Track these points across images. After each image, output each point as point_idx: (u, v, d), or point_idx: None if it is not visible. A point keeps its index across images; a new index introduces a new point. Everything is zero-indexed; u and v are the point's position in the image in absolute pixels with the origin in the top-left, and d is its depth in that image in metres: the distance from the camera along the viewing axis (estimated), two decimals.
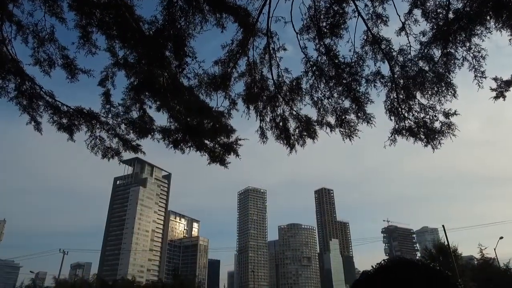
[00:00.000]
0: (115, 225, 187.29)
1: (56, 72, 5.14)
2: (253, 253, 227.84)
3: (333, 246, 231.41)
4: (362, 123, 4.54)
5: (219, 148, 5.81)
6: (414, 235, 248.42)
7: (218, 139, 5.80)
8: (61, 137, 5.49)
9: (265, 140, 5.05)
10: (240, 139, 5.73)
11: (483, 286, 32.98)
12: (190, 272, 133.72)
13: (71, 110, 5.05)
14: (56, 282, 41.54)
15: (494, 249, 41.57)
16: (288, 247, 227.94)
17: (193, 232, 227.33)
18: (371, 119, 4.47)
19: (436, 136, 4.48)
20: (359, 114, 4.48)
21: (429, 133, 4.48)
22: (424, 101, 4.49)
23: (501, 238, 39.02)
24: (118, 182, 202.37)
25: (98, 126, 5.27)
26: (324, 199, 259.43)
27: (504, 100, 5.36)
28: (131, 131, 5.45)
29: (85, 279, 49.35)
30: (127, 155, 6.05)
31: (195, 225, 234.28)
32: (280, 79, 4.98)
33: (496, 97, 5.25)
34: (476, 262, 40.76)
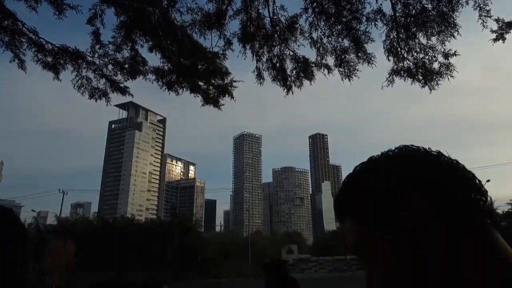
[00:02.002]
0: (113, 167, 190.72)
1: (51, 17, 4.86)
2: (248, 194, 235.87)
3: (325, 187, 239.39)
4: (362, 63, 4.44)
5: (213, 90, 5.73)
6: None
7: (213, 81, 5.70)
8: (56, 81, 5.37)
9: (262, 81, 4.97)
10: (235, 81, 5.64)
11: None
12: (188, 211, 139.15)
13: (55, 48, 4.87)
14: (58, 221, 43.13)
15: None
16: (281, 188, 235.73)
17: (189, 175, 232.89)
18: (372, 59, 4.37)
19: (434, 77, 4.41)
20: (359, 54, 4.36)
21: (427, 74, 4.41)
22: (424, 41, 4.36)
23: (488, 181, 40.42)
24: (113, 126, 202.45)
25: (84, 65, 5.13)
26: (318, 144, 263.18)
27: (504, 42, 5.22)
28: (119, 72, 5.30)
29: (86, 217, 51.18)
30: (119, 98, 5.96)
31: (191, 167, 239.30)
32: (275, 17, 4.79)
33: (496, 39, 5.12)
34: None
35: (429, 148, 0.58)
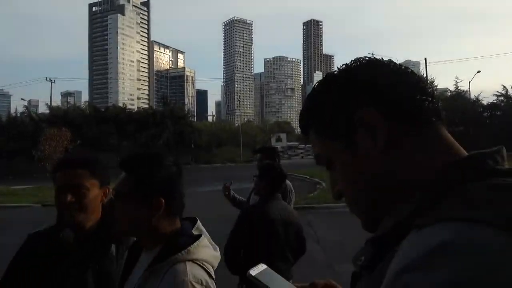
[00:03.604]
0: (99, 55, 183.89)
1: None
2: (239, 84, 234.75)
3: (317, 78, 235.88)
4: None
5: None
6: None
7: None
8: None
9: None
10: None
11: (452, 115, 35.67)
12: (179, 101, 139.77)
13: None
14: (50, 109, 43.18)
15: (469, 82, 43.48)
16: (273, 78, 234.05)
17: (178, 63, 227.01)
18: None
19: None
20: None
21: None
22: None
23: (479, 72, 39.88)
24: (94, 9, 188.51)
25: None
26: (312, 31, 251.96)
27: None
28: None
29: (77, 106, 51.23)
30: None
31: (180, 56, 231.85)
32: None
33: None
34: (449, 94, 42.96)
35: (381, 57, 0.64)
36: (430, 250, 0.41)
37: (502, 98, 40.52)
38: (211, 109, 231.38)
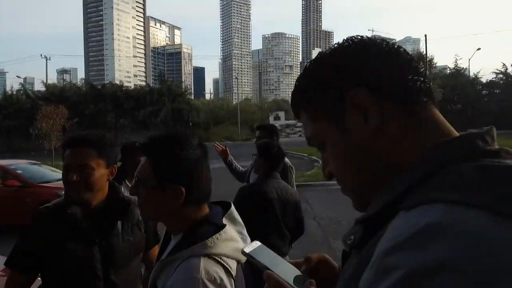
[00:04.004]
0: (94, 31, 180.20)
1: None
2: (237, 61, 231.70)
3: (316, 55, 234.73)
4: None
5: None
6: None
7: None
8: None
9: None
10: None
11: (449, 93, 35.45)
12: (176, 78, 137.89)
13: None
14: (46, 87, 42.69)
15: (469, 60, 43.03)
16: (271, 56, 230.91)
17: (175, 40, 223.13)
18: None
19: None
20: None
21: None
22: None
23: (479, 49, 39.42)
24: None
25: None
26: (311, 6, 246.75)
27: None
28: None
29: (73, 83, 50.61)
30: None
31: (177, 32, 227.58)
32: None
33: None
34: (448, 72, 42.59)
35: (373, 36, 0.63)
36: (417, 231, 0.40)
37: (501, 76, 40.26)
38: (209, 86, 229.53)
